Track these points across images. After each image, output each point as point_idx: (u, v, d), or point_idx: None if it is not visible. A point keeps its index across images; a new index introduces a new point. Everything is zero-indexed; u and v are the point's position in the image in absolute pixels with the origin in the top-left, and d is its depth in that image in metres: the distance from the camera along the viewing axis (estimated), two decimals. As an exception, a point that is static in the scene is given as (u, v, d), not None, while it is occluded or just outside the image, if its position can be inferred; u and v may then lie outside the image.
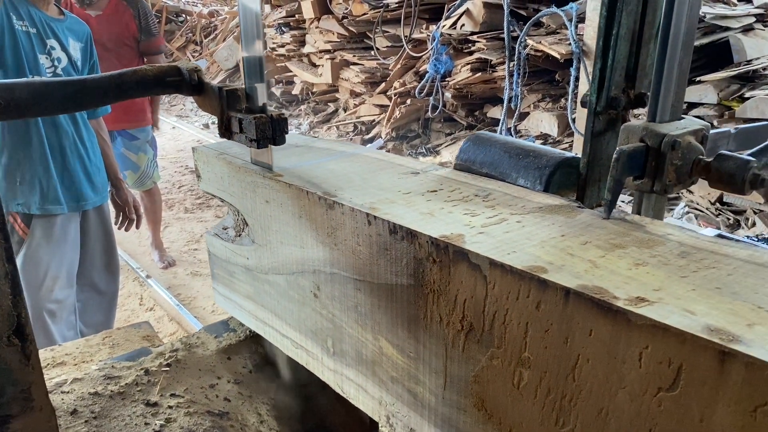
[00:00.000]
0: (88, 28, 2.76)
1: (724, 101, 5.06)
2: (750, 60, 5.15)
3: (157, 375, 1.43)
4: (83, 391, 1.36)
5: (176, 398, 1.37)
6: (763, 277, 0.76)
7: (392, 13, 6.83)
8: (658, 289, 0.75)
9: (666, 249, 0.84)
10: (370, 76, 7.21)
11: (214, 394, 1.42)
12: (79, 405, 1.32)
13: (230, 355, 1.56)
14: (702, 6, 5.33)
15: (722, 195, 5.13)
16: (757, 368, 0.62)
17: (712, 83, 5.06)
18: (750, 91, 4.95)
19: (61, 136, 2.57)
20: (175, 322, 4.43)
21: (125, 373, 1.43)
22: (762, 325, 0.67)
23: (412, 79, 6.87)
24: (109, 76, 1.18)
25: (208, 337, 1.59)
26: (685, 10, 0.91)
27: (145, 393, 1.38)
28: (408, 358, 1.02)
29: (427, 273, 0.94)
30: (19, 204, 2.48)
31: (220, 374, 1.49)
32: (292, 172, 1.20)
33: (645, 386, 0.71)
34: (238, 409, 1.41)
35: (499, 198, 1.05)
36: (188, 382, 1.43)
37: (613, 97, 0.99)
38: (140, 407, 1.34)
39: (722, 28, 5.23)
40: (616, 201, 0.92)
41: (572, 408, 0.80)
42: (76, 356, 1.73)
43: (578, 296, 0.75)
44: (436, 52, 6.43)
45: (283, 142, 1.20)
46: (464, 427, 0.96)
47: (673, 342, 0.67)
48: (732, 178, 0.88)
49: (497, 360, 0.88)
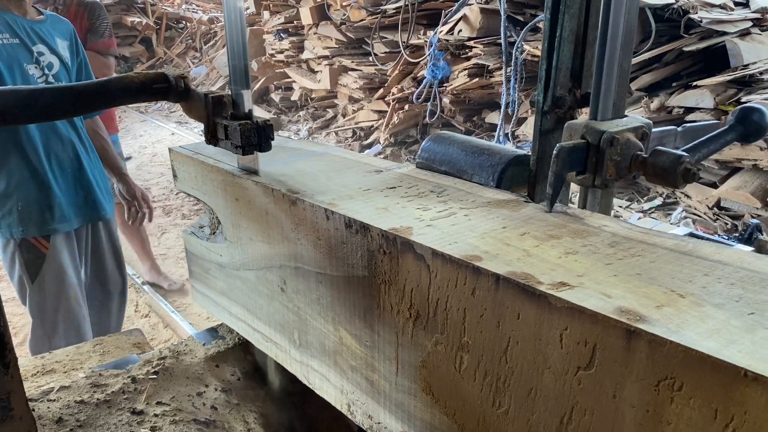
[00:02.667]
0: (70, 25, 2.62)
1: (720, 106, 5.09)
2: (747, 64, 5.19)
3: (144, 383, 1.44)
4: (69, 399, 1.38)
5: (162, 406, 1.38)
6: (683, 264, 0.82)
7: (390, 19, 6.90)
8: (581, 275, 0.81)
9: (598, 239, 0.90)
10: (368, 81, 7.29)
11: (201, 402, 1.44)
12: (65, 413, 1.33)
13: (218, 363, 1.57)
14: (699, 11, 5.39)
15: (720, 200, 5.17)
16: (658, 345, 0.67)
17: (709, 88, 5.10)
18: (746, 96, 4.99)
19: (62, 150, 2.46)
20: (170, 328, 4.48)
21: (112, 380, 1.44)
22: (670, 307, 0.73)
23: (410, 85, 6.94)
24: (96, 83, 1.20)
25: (196, 345, 1.61)
26: (623, 13, 0.97)
27: (131, 401, 1.39)
28: (365, 347, 1.08)
29: (379, 264, 1.00)
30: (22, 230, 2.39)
31: (207, 382, 1.50)
32: (261, 171, 1.27)
33: (566, 366, 0.77)
34: (225, 417, 1.42)
35: (453, 194, 1.11)
36: (175, 390, 1.44)
37: (559, 97, 1.05)
38: (126, 415, 1.35)
39: (719, 32, 5.28)
40: (557, 195, 0.98)
41: (506, 389, 0.86)
42: (66, 364, 1.74)
43: (507, 282, 0.81)
44: (434, 57, 6.49)
45: (269, 149, 1.23)
46: (415, 411, 1.02)
47: (588, 323, 0.73)
48: (666, 172, 0.94)
49: (441, 345, 0.94)
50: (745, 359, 0.62)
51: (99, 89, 1.19)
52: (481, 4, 6.27)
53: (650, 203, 5.46)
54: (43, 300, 2.50)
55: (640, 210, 5.43)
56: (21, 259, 2.43)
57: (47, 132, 2.39)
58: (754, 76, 5.08)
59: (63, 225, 2.47)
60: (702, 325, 0.69)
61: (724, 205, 5.12)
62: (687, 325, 0.69)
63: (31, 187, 2.37)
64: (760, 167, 4.87)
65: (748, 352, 0.64)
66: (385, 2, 7.06)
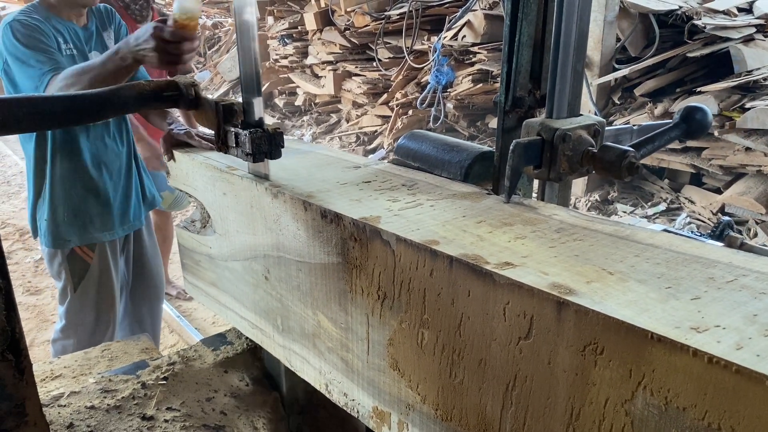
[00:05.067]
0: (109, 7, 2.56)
1: (725, 112, 5.17)
2: (751, 70, 5.27)
3: (154, 388, 1.48)
4: (80, 404, 1.42)
5: (172, 412, 1.42)
6: (618, 246, 0.93)
7: (394, 25, 7.05)
8: (526, 256, 0.91)
9: (546, 225, 1.01)
10: (372, 87, 7.42)
11: (211, 407, 1.48)
12: (76, 419, 1.37)
13: (227, 369, 1.61)
14: (702, 17, 5.48)
15: (723, 206, 5.24)
16: (583, 314, 0.78)
17: (713, 94, 5.18)
18: (751, 102, 5.06)
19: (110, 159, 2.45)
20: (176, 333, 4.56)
21: (122, 386, 1.48)
22: (598, 282, 0.83)
23: (413, 90, 7.07)
24: (108, 90, 1.24)
25: (205, 350, 1.65)
26: (575, 19, 1.08)
27: (141, 406, 1.43)
28: (340, 329, 1.19)
29: (351, 250, 1.11)
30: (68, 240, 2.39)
31: (216, 387, 1.54)
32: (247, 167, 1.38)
33: (509, 337, 0.87)
34: (235, 422, 1.47)
35: (423, 187, 1.22)
36: (185, 395, 1.49)
37: (519, 97, 1.16)
38: (136, 421, 1.39)
39: (722, 38, 5.37)
40: (514, 187, 1.08)
41: (461, 361, 0.96)
42: (74, 369, 1.78)
43: (459, 263, 0.92)
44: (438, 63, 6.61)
45: (279, 156, 1.27)
46: (384, 387, 1.12)
47: (526, 297, 0.84)
48: (612, 165, 1.04)
49: (405, 323, 1.04)
50: (653, 324, 0.72)
51: (111, 97, 1.23)
52: (485, 10, 6.40)
53: (654, 209, 5.54)
54: (84, 309, 2.53)
55: (644, 215, 5.51)
56: (67, 268, 2.45)
57: (96, 140, 2.40)
58: (758, 81, 5.16)
59: (108, 234, 2.49)
60: (623, 297, 0.79)
61: (728, 211, 5.19)
62: (610, 297, 0.79)
63: (78, 196, 2.39)
64: (764, 173, 4.95)
65: (658, 318, 0.74)
66: (389, 8, 7.20)
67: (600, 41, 5.63)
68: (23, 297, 4.56)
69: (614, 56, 5.76)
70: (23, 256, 5.18)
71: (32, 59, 2.10)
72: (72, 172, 2.35)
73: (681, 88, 5.53)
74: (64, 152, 2.32)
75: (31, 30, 2.16)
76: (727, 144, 5.10)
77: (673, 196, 5.57)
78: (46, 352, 3.80)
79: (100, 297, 2.54)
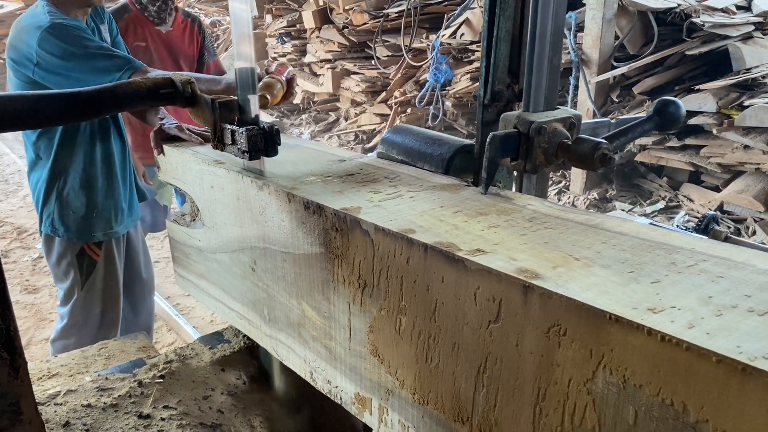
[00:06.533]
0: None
1: (723, 110, 5.20)
2: (749, 68, 5.30)
3: (151, 387, 1.50)
4: (76, 403, 1.44)
5: (169, 410, 1.44)
6: (587, 234, 0.97)
7: (392, 23, 7.09)
8: (497, 243, 0.95)
9: (520, 215, 1.05)
10: (370, 85, 7.47)
11: (208, 405, 1.50)
12: (72, 417, 1.39)
13: (224, 367, 1.63)
14: (701, 15, 5.52)
15: (722, 204, 5.27)
16: (547, 297, 0.82)
17: (711, 92, 5.21)
18: (749, 100, 5.09)
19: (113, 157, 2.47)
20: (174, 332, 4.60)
21: (118, 384, 1.50)
22: (564, 267, 0.87)
23: (412, 89, 7.11)
24: (104, 88, 1.25)
25: (202, 349, 1.67)
26: (550, 15, 1.12)
27: (138, 405, 1.44)
28: (323, 318, 1.23)
29: (333, 240, 1.15)
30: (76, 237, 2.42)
31: (213, 386, 1.56)
32: (234, 161, 1.42)
33: (480, 320, 0.92)
34: (232, 421, 1.49)
35: (405, 179, 1.26)
36: (182, 393, 1.50)
37: (497, 91, 1.20)
38: (133, 419, 1.41)
39: (721, 36, 5.40)
40: (491, 178, 1.13)
41: (436, 345, 1.00)
42: (71, 367, 1.79)
43: (434, 250, 0.96)
44: (436, 61, 6.66)
45: (275, 154, 1.30)
46: (365, 373, 1.16)
47: (494, 281, 0.88)
48: (585, 157, 1.09)
49: (384, 310, 1.08)
50: (612, 305, 0.76)
51: (107, 94, 1.24)
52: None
53: (653, 207, 5.57)
54: (90, 307, 2.55)
55: (643, 213, 5.54)
56: (76, 267, 2.47)
57: (101, 140, 2.42)
58: (757, 79, 5.19)
59: (114, 232, 2.52)
60: (585, 281, 0.83)
61: (726, 209, 5.22)
62: (573, 281, 0.83)
63: (85, 194, 2.41)
64: (763, 171, 4.98)
65: (617, 300, 0.78)
66: (387, 6, 7.24)
67: (598, 39, 5.66)
68: (21, 296, 4.60)
69: (613, 54, 5.80)
70: (21, 255, 5.23)
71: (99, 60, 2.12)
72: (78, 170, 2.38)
73: (680, 86, 5.56)
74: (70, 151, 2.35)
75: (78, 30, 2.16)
76: (725, 142, 5.13)
77: (671, 194, 5.60)
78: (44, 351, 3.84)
79: (105, 295, 2.56)
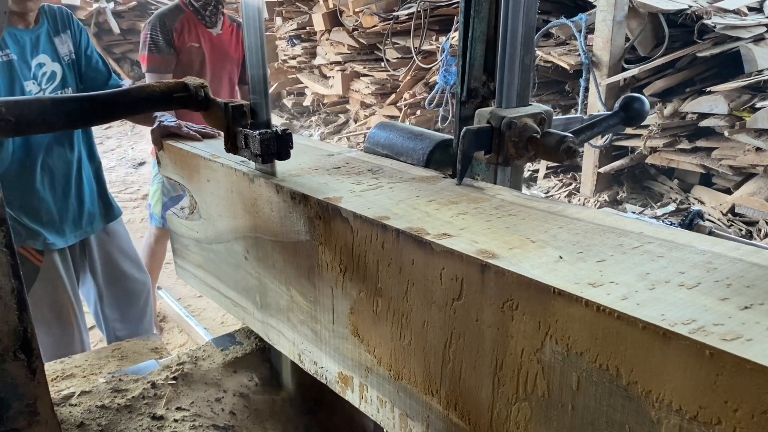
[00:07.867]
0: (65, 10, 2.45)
1: (735, 111, 5.24)
2: (761, 70, 5.33)
3: (164, 388, 1.55)
4: (91, 404, 1.49)
5: (182, 411, 1.49)
6: (547, 220, 1.06)
7: (402, 25, 7.19)
8: (463, 228, 1.04)
9: (488, 204, 1.14)
10: (380, 87, 7.58)
11: (220, 407, 1.55)
12: (87, 418, 1.44)
13: (236, 369, 1.68)
14: (712, 16, 5.56)
15: (734, 206, 5.31)
16: (501, 275, 0.91)
17: (723, 93, 5.25)
18: (761, 101, 5.13)
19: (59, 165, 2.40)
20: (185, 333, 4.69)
21: (132, 386, 1.55)
22: (520, 249, 0.96)
23: (422, 91, 7.21)
24: (118, 92, 1.30)
25: (214, 350, 1.73)
26: (521, 16, 1.21)
27: (151, 406, 1.49)
28: (309, 302, 1.33)
29: (317, 228, 1.25)
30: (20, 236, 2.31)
31: (226, 387, 1.61)
32: (228, 155, 1.52)
33: (445, 299, 1.01)
34: (244, 422, 1.54)
35: (387, 172, 1.36)
36: (194, 395, 1.55)
37: (473, 89, 1.29)
38: (146, 420, 1.46)
39: (733, 38, 5.44)
40: (465, 170, 1.22)
41: (408, 324, 1.10)
42: (85, 368, 1.86)
43: (405, 234, 1.05)
44: (446, 63, 6.74)
45: (288, 157, 1.34)
46: (347, 353, 1.26)
47: (457, 262, 0.97)
48: (552, 149, 1.18)
49: (363, 293, 1.18)
50: (556, 280, 0.85)
51: (121, 98, 1.27)
52: (493, 9, 6.51)
53: (664, 209, 5.62)
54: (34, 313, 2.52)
55: (654, 216, 5.59)
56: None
57: (44, 145, 2.34)
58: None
59: (57, 241, 2.44)
60: (537, 260, 0.92)
61: (738, 211, 5.26)
62: (526, 260, 0.92)
63: (24, 199, 2.33)
64: (774, 173, 5.02)
65: (562, 276, 0.87)
66: (397, 8, 7.35)
67: (609, 41, 5.72)
68: None
69: (623, 56, 5.85)
70: None
71: None
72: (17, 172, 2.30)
73: (690, 88, 5.60)
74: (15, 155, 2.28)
75: None
76: (737, 144, 5.17)
77: (682, 197, 5.65)
78: None
79: (52, 304, 2.48)
